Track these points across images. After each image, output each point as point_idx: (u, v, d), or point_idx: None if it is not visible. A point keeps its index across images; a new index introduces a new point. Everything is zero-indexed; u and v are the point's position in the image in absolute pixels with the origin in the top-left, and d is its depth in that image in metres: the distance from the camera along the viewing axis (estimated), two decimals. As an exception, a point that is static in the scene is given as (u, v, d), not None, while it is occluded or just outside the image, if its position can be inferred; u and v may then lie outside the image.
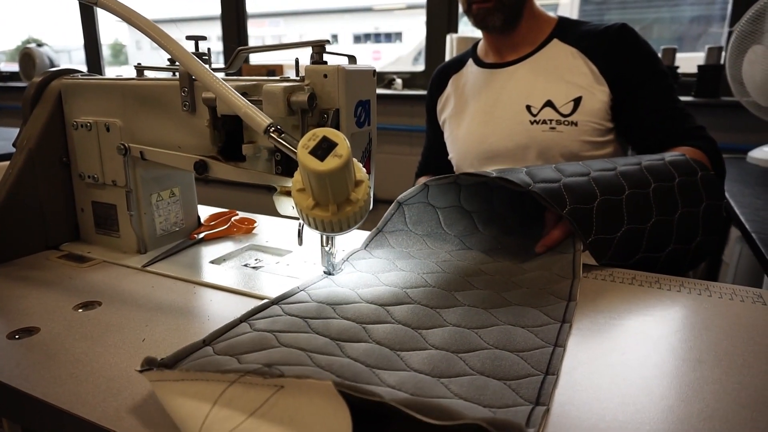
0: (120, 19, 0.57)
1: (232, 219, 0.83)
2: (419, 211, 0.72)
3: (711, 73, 1.61)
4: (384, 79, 2.15)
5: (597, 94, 0.92)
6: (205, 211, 0.88)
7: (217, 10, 2.58)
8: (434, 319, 0.51)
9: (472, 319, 0.51)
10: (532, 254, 0.67)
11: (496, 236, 0.73)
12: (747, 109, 1.38)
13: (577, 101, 0.92)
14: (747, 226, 0.89)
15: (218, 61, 0.66)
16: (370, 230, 0.75)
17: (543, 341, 0.48)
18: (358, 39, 6.54)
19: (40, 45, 2.93)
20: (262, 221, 0.88)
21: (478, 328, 0.50)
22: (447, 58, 1.89)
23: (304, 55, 0.59)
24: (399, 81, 2.13)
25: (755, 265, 1.31)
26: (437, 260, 0.65)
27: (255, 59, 2.48)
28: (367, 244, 0.68)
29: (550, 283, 0.60)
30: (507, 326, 0.50)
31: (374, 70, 0.60)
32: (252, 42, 2.68)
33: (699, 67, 1.64)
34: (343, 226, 0.49)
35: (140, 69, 0.71)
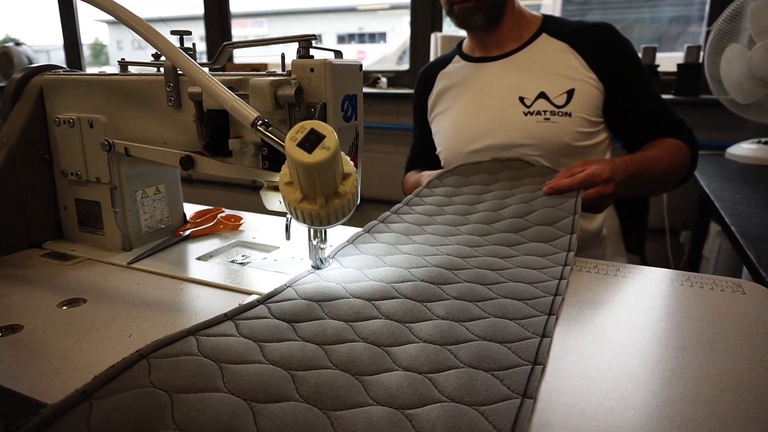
0: (104, 13, 0.56)
1: (219, 216, 0.83)
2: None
3: (690, 72, 1.64)
4: (369, 78, 2.15)
5: (589, 87, 0.95)
6: (190, 209, 0.87)
7: (200, 10, 2.56)
8: (422, 312, 0.51)
9: (459, 312, 0.51)
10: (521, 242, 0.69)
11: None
12: (725, 107, 1.41)
13: (570, 93, 0.94)
14: (727, 220, 0.91)
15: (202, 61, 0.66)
16: (356, 226, 0.75)
17: (531, 332, 0.48)
18: (342, 39, 6.54)
19: (18, 44, 2.87)
20: (248, 218, 0.87)
21: (465, 321, 0.50)
22: (431, 56, 1.90)
23: (290, 52, 0.59)
24: (384, 80, 2.13)
25: (734, 258, 1.34)
26: (423, 254, 0.65)
27: (239, 58, 2.46)
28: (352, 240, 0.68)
29: (544, 265, 0.63)
30: (494, 318, 0.50)
31: (361, 65, 0.60)
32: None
33: (678, 65, 1.67)
34: (331, 219, 0.49)
35: (124, 64, 0.70)
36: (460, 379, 0.40)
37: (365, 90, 2.08)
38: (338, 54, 0.59)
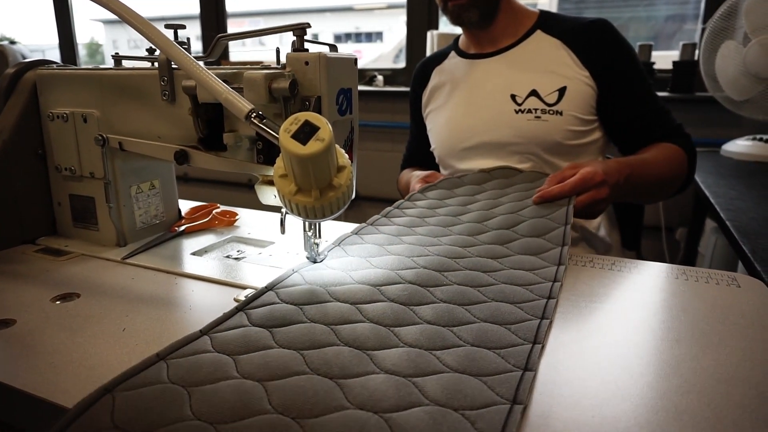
0: (100, 12, 0.56)
1: (214, 212, 0.83)
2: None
3: (686, 69, 1.64)
4: (365, 75, 2.14)
5: (581, 85, 0.94)
6: (185, 205, 0.87)
7: (196, 9, 2.55)
8: (425, 297, 0.52)
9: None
10: (515, 236, 0.67)
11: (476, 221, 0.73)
12: (721, 104, 1.41)
13: (562, 91, 0.94)
14: (722, 215, 0.91)
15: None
16: (352, 222, 0.75)
17: (530, 315, 0.49)
18: (338, 39, 6.53)
19: (13, 42, 2.86)
20: (243, 214, 0.87)
21: (467, 305, 0.50)
22: (428, 54, 1.90)
23: (285, 49, 0.58)
24: (380, 78, 2.13)
25: (729, 254, 1.34)
26: (424, 244, 0.64)
27: (235, 56, 2.46)
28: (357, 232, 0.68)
29: (540, 251, 0.63)
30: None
31: (356, 59, 0.60)
32: (232, 42, 2.64)
33: (674, 63, 1.67)
34: (325, 212, 0.49)
35: (118, 59, 0.70)
36: (463, 357, 0.42)
37: (361, 88, 2.09)
38: (333, 48, 0.59)
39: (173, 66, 0.62)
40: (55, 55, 3.03)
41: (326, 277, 0.55)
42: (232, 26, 2.61)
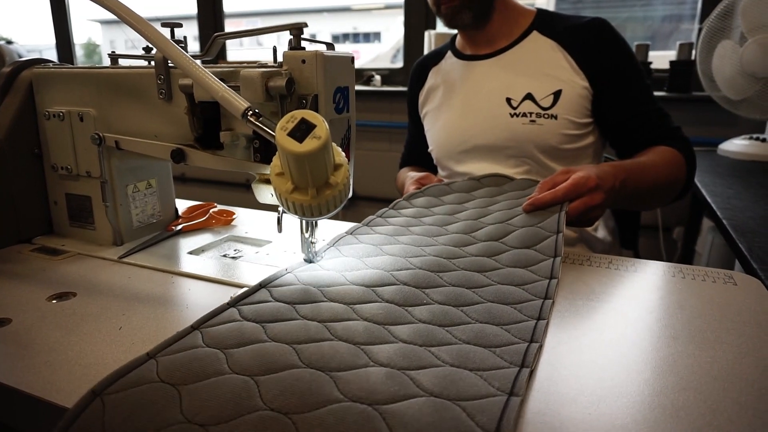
0: (98, 12, 0.56)
1: (211, 211, 0.83)
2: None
3: (682, 69, 1.65)
4: (363, 75, 2.14)
5: (576, 88, 0.93)
6: (182, 205, 0.87)
7: (193, 10, 2.55)
8: (419, 298, 0.52)
9: (456, 299, 0.52)
10: (508, 246, 0.65)
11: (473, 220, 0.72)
12: (717, 104, 1.41)
13: (557, 94, 0.93)
14: (719, 214, 0.91)
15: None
16: (350, 221, 0.74)
17: (526, 315, 0.49)
18: (336, 39, 6.54)
19: (9, 42, 2.86)
20: (240, 213, 0.87)
21: (462, 306, 0.50)
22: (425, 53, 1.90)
23: (282, 48, 0.58)
24: (378, 77, 2.13)
25: (726, 253, 1.35)
26: (421, 245, 0.64)
27: (232, 55, 2.46)
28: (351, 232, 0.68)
29: (533, 255, 0.61)
30: (490, 304, 0.51)
31: (352, 57, 0.60)
32: (229, 42, 2.64)
33: (671, 62, 1.67)
34: (322, 211, 0.49)
35: (114, 57, 0.70)
36: (457, 354, 0.42)
37: (359, 88, 2.08)
38: (330, 46, 0.59)
39: (170, 64, 0.61)
40: (52, 55, 3.02)
41: (320, 278, 0.55)
42: (230, 26, 2.61)
